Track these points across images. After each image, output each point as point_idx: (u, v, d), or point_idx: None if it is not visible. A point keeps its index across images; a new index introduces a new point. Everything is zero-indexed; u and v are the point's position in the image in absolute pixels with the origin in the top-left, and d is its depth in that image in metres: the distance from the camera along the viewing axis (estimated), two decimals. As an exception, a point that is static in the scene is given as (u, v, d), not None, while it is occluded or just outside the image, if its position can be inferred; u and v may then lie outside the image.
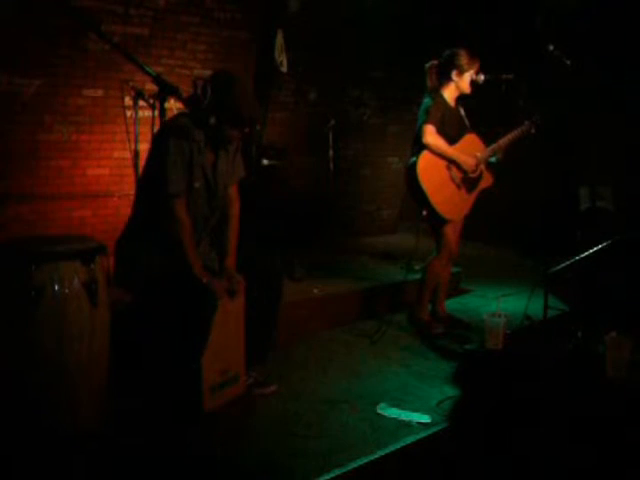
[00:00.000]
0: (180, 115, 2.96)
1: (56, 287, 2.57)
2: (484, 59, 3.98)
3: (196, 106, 2.85)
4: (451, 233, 4.06)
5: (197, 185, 2.92)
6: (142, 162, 3.88)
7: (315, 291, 4.33)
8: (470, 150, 4.00)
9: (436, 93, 3.97)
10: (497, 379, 3.14)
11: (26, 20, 4.23)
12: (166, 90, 2.13)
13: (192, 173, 2.88)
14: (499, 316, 3.29)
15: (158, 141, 2.91)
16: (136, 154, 4.06)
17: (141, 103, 4.06)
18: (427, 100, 3.96)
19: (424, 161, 3.88)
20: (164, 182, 2.82)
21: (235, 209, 3.18)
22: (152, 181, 2.90)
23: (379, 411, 3.07)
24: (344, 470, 2.52)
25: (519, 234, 6.05)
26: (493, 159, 4.05)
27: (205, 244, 3.11)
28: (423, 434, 2.85)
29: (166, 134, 2.84)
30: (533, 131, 3.97)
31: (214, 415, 2.88)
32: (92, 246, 2.75)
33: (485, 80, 3.94)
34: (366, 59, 6.34)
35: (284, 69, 5.41)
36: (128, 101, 4.36)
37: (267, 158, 4.86)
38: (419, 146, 3.91)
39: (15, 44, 4.22)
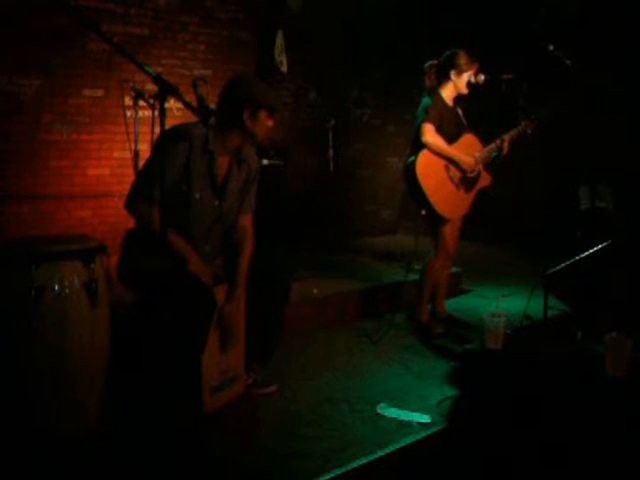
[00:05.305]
0: (194, 123, 2.85)
1: (56, 287, 2.58)
2: (484, 59, 3.99)
3: (206, 116, 2.81)
4: (450, 233, 4.07)
5: (198, 196, 2.83)
6: (142, 162, 3.90)
7: (315, 291, 4.32)
8: (468, 150, 4.01)
9: (435, 92, 3.98)
10: (497, 379, 3.14)
11: (26, 20, 4.23)
12: (166, 90, 2.12)
13: (190, 182, 2.79)
14: (499, 316, 3.29)
15: (156, 143, 2.90)
16: (136, 154, 4.07)
17: (141, 103, 4.07)
18: (426, 99, 3.97)
19: (423, 160, 3.89)
20: (133, 182, 2.83)
21: (248, 247, 3.03)
22: None
23: (379, 411, 3.07)
24: (344, 470, 2.52)
25: (519, 234, 6.05)
26: (495, 154, 4.05)
27: (205, 254, 2.97)
28: (423, 434, 2.84)
29: (162, 136, 2.75)
30: (530, 131, 3.98)
31: (214, 415, 2.88)
32: (92, 246, 2.75)
33: (485, 80, 3.95)
34: (366, 59, 6.34)
35: (284, 69, 5.42)
36: (128, 101, 4.35)
37: (267, 158, 4.85)
38: (418, 145, 3.92)
39: (15, 44, 4.22)
